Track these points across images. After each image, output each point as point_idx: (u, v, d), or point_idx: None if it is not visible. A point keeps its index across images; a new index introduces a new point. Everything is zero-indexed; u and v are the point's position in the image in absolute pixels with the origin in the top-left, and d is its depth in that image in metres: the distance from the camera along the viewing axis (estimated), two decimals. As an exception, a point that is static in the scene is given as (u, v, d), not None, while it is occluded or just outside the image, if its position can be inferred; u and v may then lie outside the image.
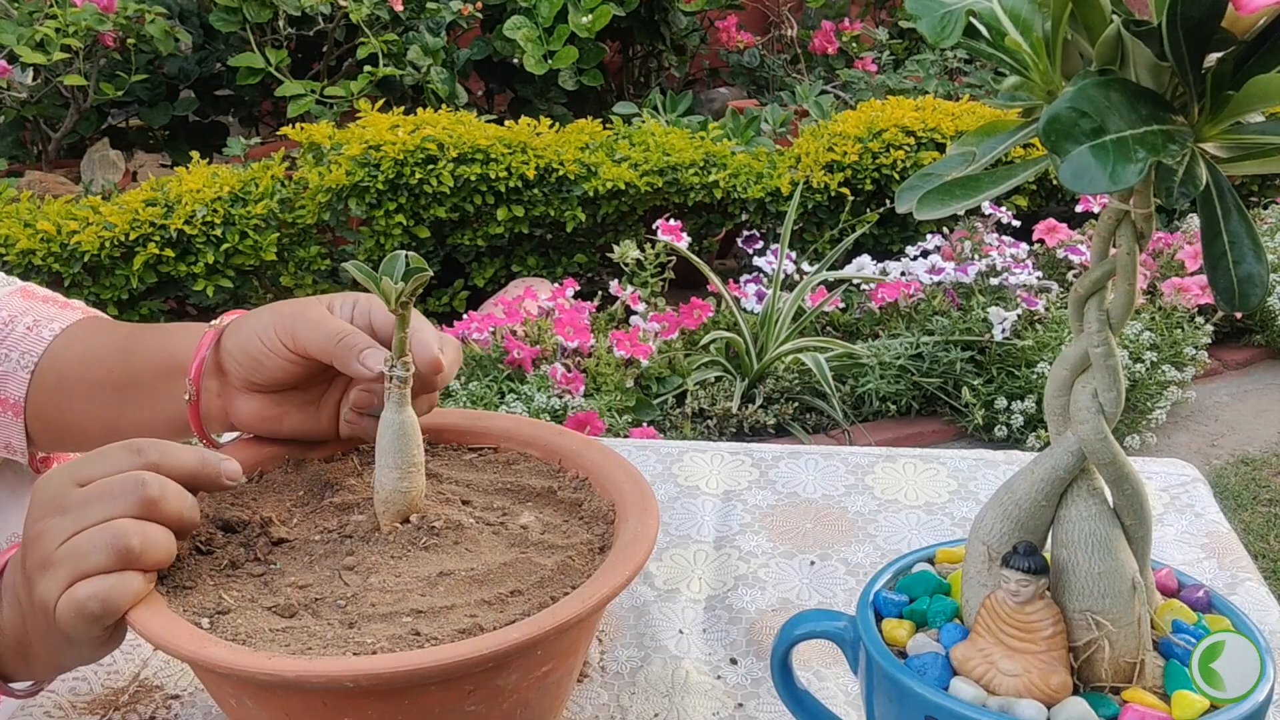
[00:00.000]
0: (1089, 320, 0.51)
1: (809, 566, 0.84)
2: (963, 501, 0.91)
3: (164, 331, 0.76)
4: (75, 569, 0.56)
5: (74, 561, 0.56)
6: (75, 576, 0.56)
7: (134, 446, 0.60)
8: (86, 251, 2.86)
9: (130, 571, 0.57)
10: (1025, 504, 0.53)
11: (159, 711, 0.69)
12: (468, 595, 0.61)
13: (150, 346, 0.75)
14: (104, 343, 0.77)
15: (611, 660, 0.74)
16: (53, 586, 0.56)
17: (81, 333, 0.79)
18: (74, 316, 0.80)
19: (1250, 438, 2.87)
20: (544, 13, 3.95)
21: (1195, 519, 0.88)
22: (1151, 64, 0.44)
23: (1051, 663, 0.50)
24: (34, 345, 0.77)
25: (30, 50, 3.37)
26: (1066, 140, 0.41)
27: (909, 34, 4.89)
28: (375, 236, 3.13)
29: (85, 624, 0.56)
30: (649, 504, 0.66)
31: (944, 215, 0.47)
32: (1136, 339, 2.83)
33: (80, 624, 0.56)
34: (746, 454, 0.97)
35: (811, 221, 3.41)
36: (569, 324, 2.62)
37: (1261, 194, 3.92)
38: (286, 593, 0.61)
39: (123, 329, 0.79)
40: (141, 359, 0.75)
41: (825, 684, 0.71)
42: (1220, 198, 0.45)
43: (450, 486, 0.71)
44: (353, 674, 0.53)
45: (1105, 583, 0.51)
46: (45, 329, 0.78)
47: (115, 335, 0.78)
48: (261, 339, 0.70)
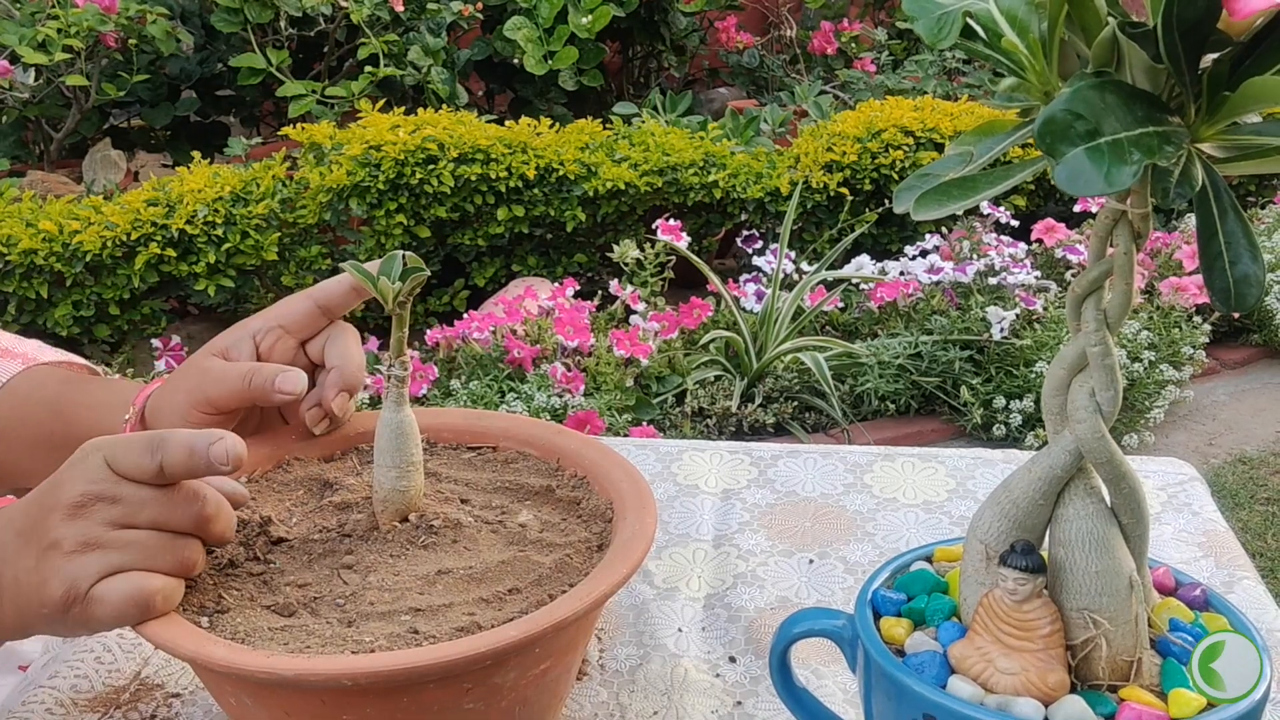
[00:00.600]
0: (1086, 319, 0.51)
1: (808, 565, 0.84)
2: (961, 500, 0.91)
3: (95, 394, 0.78)
4: (137, 561, 0.58)
5: (138, 554, 0.58)
6: (131, 567, 0.58)
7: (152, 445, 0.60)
8: (88, 251, 2.86)
9: (182, 582, 0.60)
10: (1023, 503, 0.53)
11: (160, 709, 0.69)
12: (466, 593, 0.61)
13: (85, 415, 0.77)
14: (36, 402, 0.79)
15: (610, 658, 0.74)
16: (94, 566, 0.57)
17: (16, 389, 0.80)
18: (13, 369, 0.81)
19: (1247, 437, 2.87)
20: (544, 13, 3.95)
21: (1192, 518, 0.88)
22: (1147, 65, 0.45)
23: (1049, 661, 0.50)
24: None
25: (32, 50, 3.37)
26: (1062, 142, 0.41)
27: (907, 35, 4.89)
28: (376, 236, 3.13)
29: (131, 612, 0.57)
30: (647, 502, 0.66)
31: (942, 215, 0.48)
32: (1134, 338, 2.83)
33: (126, 610, 0.57)
34: (745, 453, 0.98)
35: (811, 221, 3.41)
36: (569, 323, 2.63)
37: (1258, 194, 3.92)
38: (285, 591, 0.62)
39: (52, 388, 0.80)
40: (78, 426, 0.76)
41: (824, 682, 0.71)
42: (1216, 198, 0.45)
43: (449, 485, 0.71)
44: (351, 672, 0.53)
45: (1103, 581, 0.51)
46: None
47: (47, 392, 0.79)
48: (186, 418, 0.71)
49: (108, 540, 0.58)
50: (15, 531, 0.59)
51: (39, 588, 0.58)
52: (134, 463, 0.59)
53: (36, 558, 0.58)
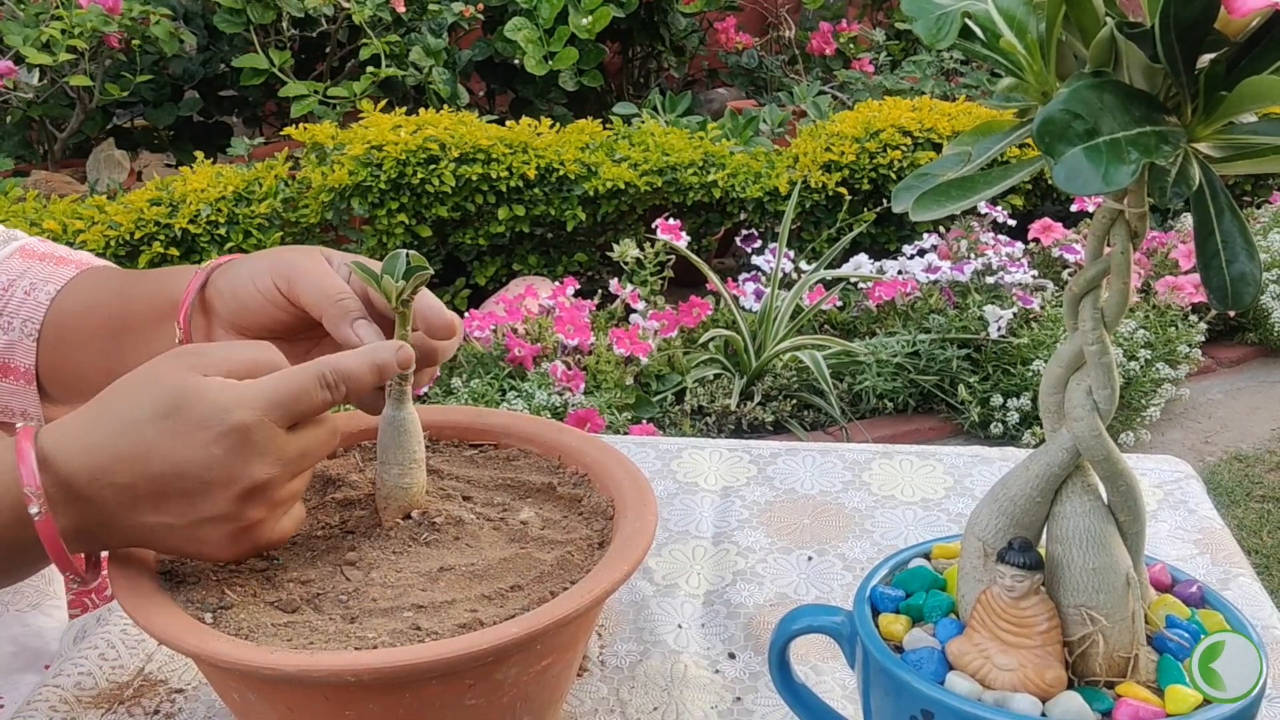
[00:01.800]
0: (1084, 318, 0.51)
1: (806, 562, 0.84)
2: (959, 498, 0.91)
3: (161, 274, 0.75)
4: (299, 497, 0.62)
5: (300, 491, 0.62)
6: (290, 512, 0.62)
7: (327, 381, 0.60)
8: (92, 250, 2.86)
9: None
10: (1020, 500, 0.53)
11: (163, 705, 0.70)
12: (468, 590, 0.61)
13: (146, 290, 0.75)
14: (103, 290, 0.77)
15: (611, 654, 0.74)
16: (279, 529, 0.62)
17: (80, 285, 0.78)
18: (70, 273, 0.79)
19: (1243, 435, 2.87)
20: (544, 14, 3.96)
21: (1189, 515, 0.89)
22: (1145, 65, 0.45)
23: (1046, 657, 0.51)
24: (34, 311, 0.77)
25: (36, 51, 3.37)
26: (1060, 142, 0.41)
27: (906, 35, 4.90)
28: (378, 235, 3.13)
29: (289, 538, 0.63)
30: (648, 500, 0.66)
31: (940, 215, 0.48)
32: (1131, 337, 2.83)
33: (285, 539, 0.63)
34: (745, 450, 0.98)
35: (809, 221, 3.41)
36: (569, 322, 2.63)
37: (1254, 193, 3.92)
38: (289, 588, 0.62)
39: (120, 275, 0.78)
40: (139, 303, 0.74)
41: (823, 678, 0.72)
42: (1213, 197, 0.46)
43: (451, 482, 0.71)
44: (354, 668, 0.53)
45: (1100, 578, 0.52)
46: (42, 292, 0.77)
47: (113, 281, 0.77)
48: (255, 282, 0.69)
49: (285, 496, 0.60)
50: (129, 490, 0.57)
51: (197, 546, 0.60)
52: (311, 405, 0.59)
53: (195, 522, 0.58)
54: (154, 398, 0.58)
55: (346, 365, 0.61)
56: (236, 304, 0.70)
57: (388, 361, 0.62)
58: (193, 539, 0.59)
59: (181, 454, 0.57)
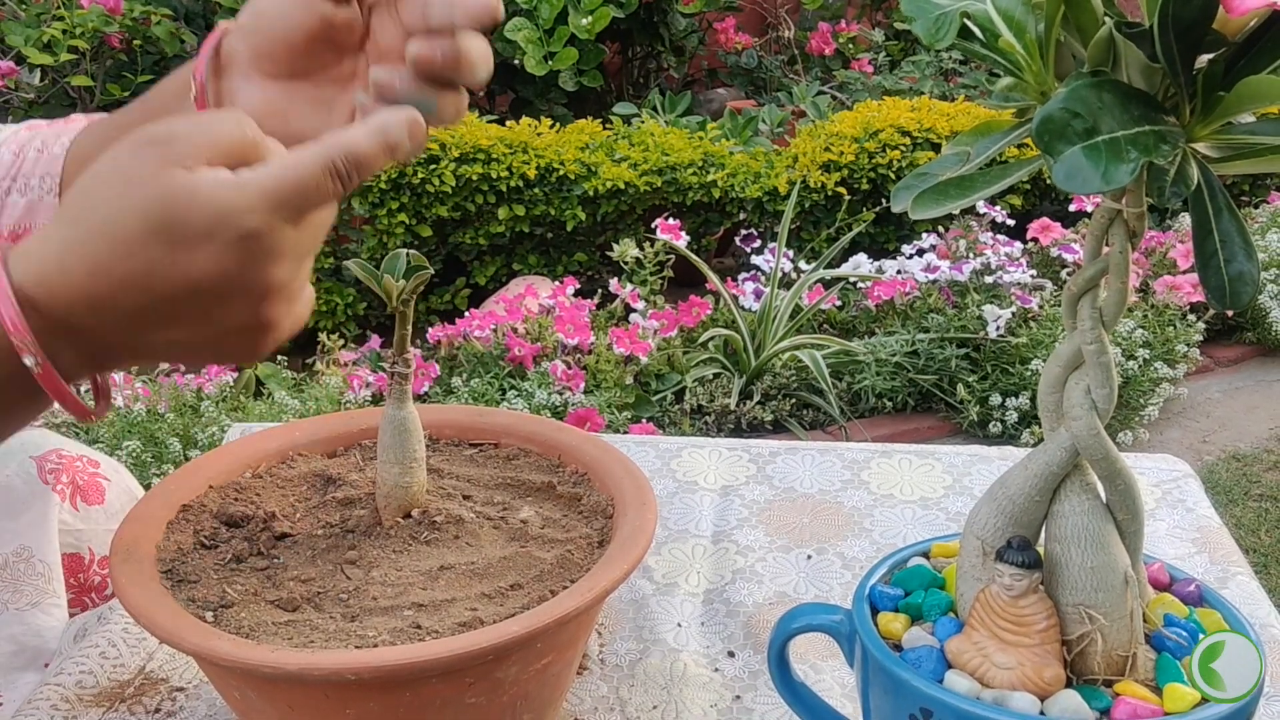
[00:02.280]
0: (1082, 318, 0.51)
1: (806, 561, 0.84)
2: (958, 497, 0.92)
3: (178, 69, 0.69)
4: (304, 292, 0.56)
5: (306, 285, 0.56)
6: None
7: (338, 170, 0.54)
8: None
9: None
10: (1019, 499, 0.53)
11: (164, 704, 0.70)
12: (468, 589, 0.61)
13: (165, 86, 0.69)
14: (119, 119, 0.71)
15: (611, 653, 0.75)
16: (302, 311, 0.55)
17: (93, 129, 0.74)
18: (80, 126, 0.76)
19: (1241, 434, 2.88)
20: (544, 14, 3.95)
21: (1187, 514, 0.89)
22: (1143, 65, 0.45)
23: (1045, 656, 0.51)
24: (51, 166, 0.73)
25: (37, 51, 3.37)
26: (1059, 141, 0.42)
27: (905, 35, 4.89)
28: (378, 235, 3.13)
29: None
30: (647, 499, 0.66)
31: (939, 214, 0.48)
32: (1129, 336, 2.84)
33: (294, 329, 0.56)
34: (744, 450, 0.98)
35: (809, 220, 3.42)
36: (569, 321, 2.63)
37: (1252, 193, 3.92)
38: (289, 587, 0.62)
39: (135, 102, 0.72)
40: (159, 92, 0.68)
41: (822, 676, 0.72)
42: (1211, 197, 0.46)
43: (451, 481, 0.71)
44: (354, 667, 0.53)
45: (1098, 577, 0.52)
46: (55, 145, 0.74)
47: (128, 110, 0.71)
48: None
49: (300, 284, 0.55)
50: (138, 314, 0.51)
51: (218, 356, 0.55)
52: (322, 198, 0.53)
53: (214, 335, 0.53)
54: (140, 209, 0.50)
55: (359, 149, 0.54)
56: (264, 23, 0.62)
57: (400, 142, 0.55)
58: (213, 350, 0.55)
59: (191, 270, 0.50)
